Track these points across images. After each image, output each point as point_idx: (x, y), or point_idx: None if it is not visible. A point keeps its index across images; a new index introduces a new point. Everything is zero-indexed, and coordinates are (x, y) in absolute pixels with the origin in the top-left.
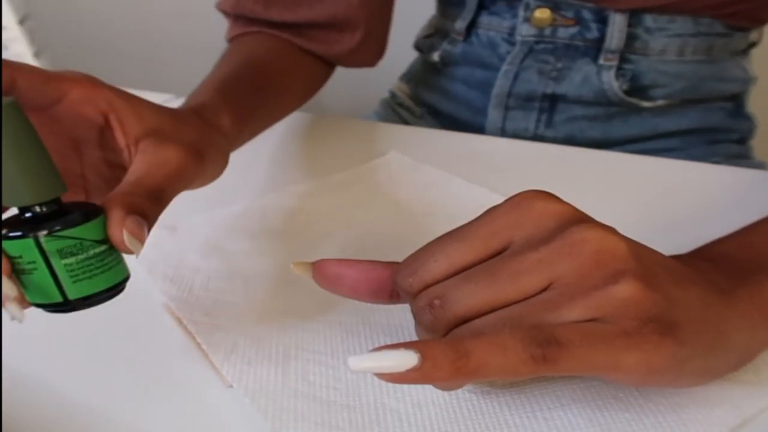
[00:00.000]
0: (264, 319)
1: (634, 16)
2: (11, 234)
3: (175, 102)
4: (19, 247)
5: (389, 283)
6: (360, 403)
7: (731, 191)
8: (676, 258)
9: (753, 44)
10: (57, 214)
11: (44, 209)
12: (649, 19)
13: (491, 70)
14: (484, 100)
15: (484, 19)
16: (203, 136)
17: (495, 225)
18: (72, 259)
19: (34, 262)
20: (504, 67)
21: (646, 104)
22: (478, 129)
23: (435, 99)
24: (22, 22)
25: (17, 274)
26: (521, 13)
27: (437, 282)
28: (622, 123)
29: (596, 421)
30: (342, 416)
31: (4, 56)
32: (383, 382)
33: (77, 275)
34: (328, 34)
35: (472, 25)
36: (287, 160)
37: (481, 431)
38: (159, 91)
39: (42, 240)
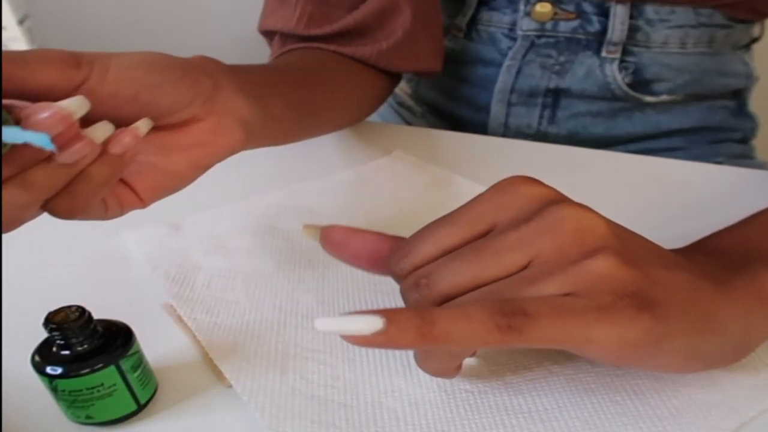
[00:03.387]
0: (264, 318)
1: (636, 7)
2: (95, 367)
3: None
4: (102, 377)
5: (387, 256)
6: (357, 402)
7: (734, 191)
8: (671, 250)
9: (755, 39)
10: (93, 329)
11: (74, 325)
12: (650, 11)
13: (493, 66)
14: (486, 97)
15: (485, 14)
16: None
17: (481, 209)
18: (139, 369)
19: (114, 385)
20: (506, 63)
21: (649, 99)
22: (481, 126)
23: (436, 97)
24: (21, 22)
25: (92, 401)
26: (522, 7)
27: (426, 264)
28: (625, 120)
29: (593, 424)
30: (339, 415)
31: None
32: (381, 381)
33: (144, 381)
34: (378, 31)
35: (472, 21)
36: (291, 158)
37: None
38: None
39: (122, 363)
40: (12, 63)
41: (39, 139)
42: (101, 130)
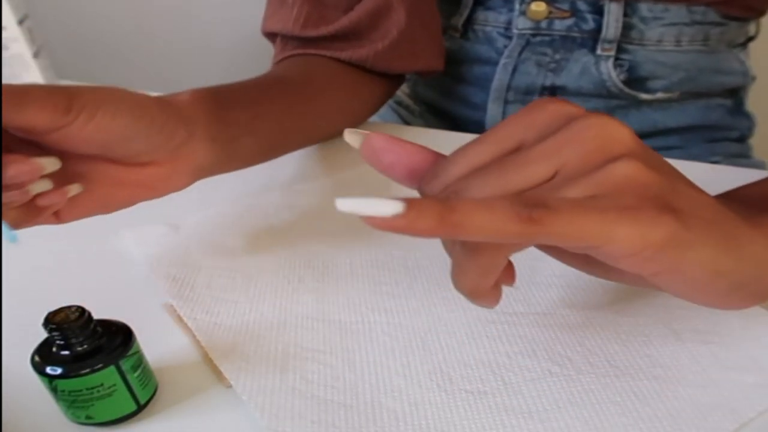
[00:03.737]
0: (264, 318)
1: (629, 5)
2: (95, 367)
3: None
4: (102, 377)
5: (426, 169)
6: (357, 402)
7: None
8: None
9: (751, 38)
10: (93, 329)
11: (73, 325)
12: (644, 8)
13: (489, 65)
14: (483, 96)
15: (480, 14)
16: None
17: (509, 128)
18: (139, 369)
19: (114, 385)
20: (502, 61)
21: (645, 96)
22: (478, 125)
23: (434, 96)
24: (21, 22)
25: (92, 402)
26: (517, 6)
27: (455, 182)
28: (622, 117)
29: (593, 425)
30: (339, 415)
31: (4, 56)
32: (380, 382)
33: (144, 381)
34: (373, 32)
35: (468, 21)
36: (289, 159)
37: None
38: (159, 91)
39: (122, 363)
40: (7, 104)
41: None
42: (41, 186)
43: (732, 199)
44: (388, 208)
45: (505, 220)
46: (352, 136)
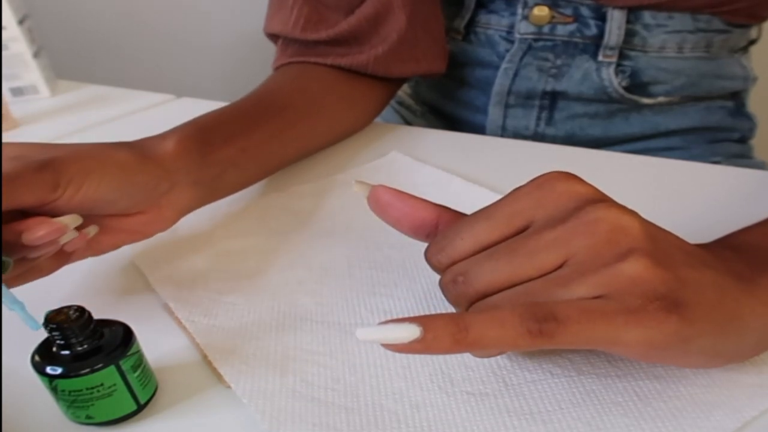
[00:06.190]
0: (263, 320)
1: (633, 12)
2: (95, 367)
3: (175, 102)
4: (102, 377)
5: (430, 224)
6: (358, 405)
7: (732, 191)
8: (700, 245)
9: (752, 42)
10: (93, 329)
11: (74, 325)
12: (647, 16)
13: (491, 69)
14: (484, 99)
15: (483, 17)
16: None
17: (518, 205)
18: (139, 369)
19: (114, 385)
20: (503, 65)
21: (646, 101)
22: (479, 127)
23: (435, 98)
24: (21, 22)
25: (92, 401)
26: (520, 11)
27: (463, 259)
28: (622, 121)
29: (595, 426)
30: (340, 417)
31: (4, 56)
32: (381, 384)
33: (144, 381)
34: (374, 36)
35: (470, 24)
36: None
37: None
38: (159, 91)
39: (122, 363)
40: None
41: (27, 320)
42: (69, 236)
43: (732, 247)
44: (407, 333)
45: (517, 335)
46: (360, 187)
